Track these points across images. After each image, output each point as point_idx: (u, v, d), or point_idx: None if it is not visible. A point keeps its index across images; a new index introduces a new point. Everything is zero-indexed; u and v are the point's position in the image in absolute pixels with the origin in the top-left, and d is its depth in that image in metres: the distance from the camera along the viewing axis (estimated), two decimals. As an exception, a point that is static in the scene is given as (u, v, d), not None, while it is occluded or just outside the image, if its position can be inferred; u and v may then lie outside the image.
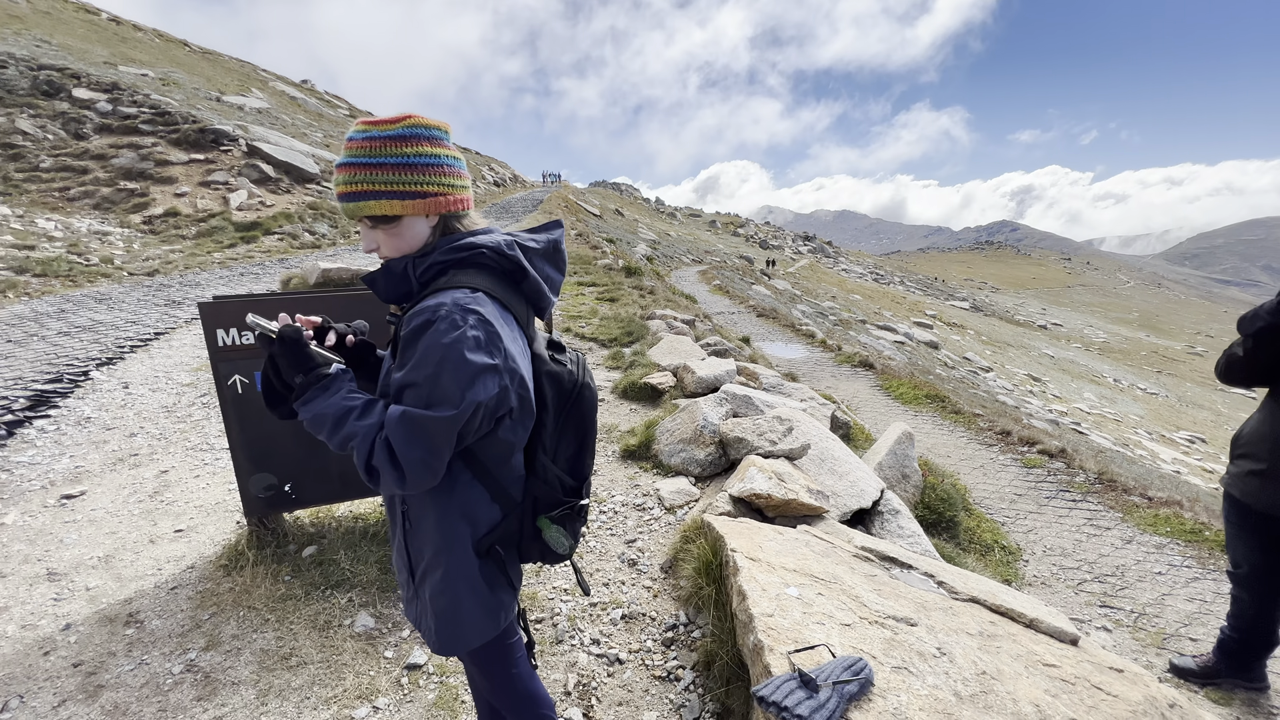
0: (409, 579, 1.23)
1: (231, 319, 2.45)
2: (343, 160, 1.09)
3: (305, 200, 16.20)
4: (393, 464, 1.02)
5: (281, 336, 1.09)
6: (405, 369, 1.05)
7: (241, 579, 2.45)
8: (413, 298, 1.15)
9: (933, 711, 1.48)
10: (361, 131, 1.09)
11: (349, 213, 1.11)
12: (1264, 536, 2.34)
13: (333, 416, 1.05)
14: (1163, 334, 55.28)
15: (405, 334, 1.05)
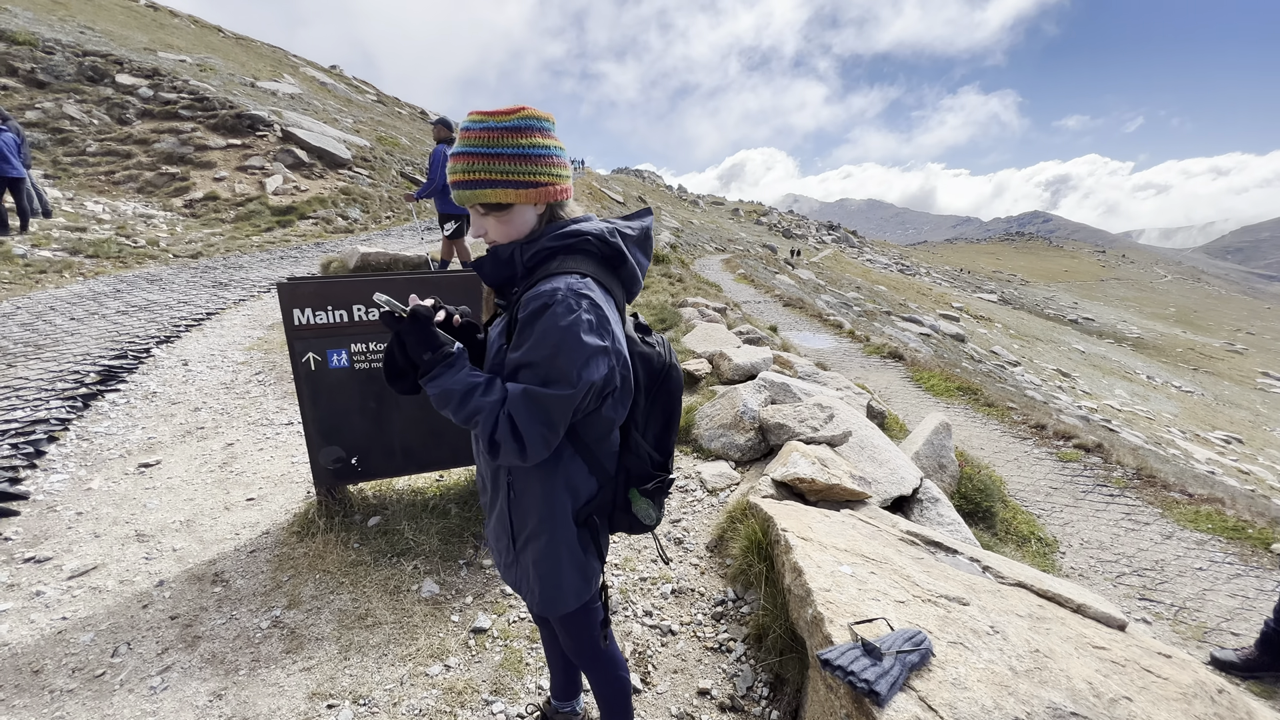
0: (509, 545, 1.33)
1: (307, 299, 2.58)
2: (460, 149, 1.14)
3: (338, 185, 16.48)
4: (515, 437, 1.10)
5: (415, 315, 1.14)
6: (523, 349, 1.12)
7: (314, 545, 2.61)
8: (516, 282, 1.23)
9: (990, 683, 1.55)
10: (478, 122, 1.13)
11: (463, 200, 1.16)
12: None
13: (459, 392, 1.12)
14: (1200, 330, 53.57)
15: (523, 316, 1.12)
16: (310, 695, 1.92)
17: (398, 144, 23.01)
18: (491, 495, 1.36)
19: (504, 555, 1.37)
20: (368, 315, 2.68)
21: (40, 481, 3.09)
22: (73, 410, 3.87)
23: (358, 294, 2.65)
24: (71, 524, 2.77)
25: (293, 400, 4.27)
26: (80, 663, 2.00)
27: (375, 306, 1.13)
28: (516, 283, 1.23)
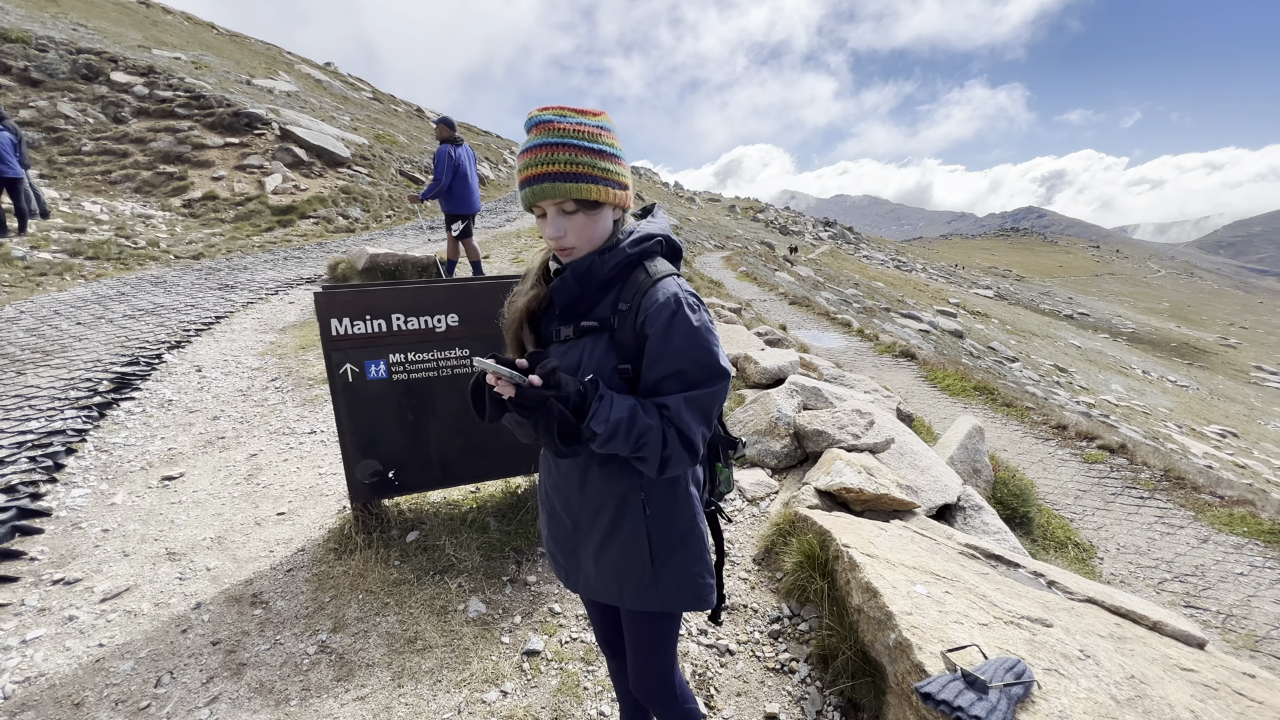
0: (646, 567, 1.22)
1: (345, 309, 2.49)
2: (561, 140, 1.06)
3: (338, 184, 16.30)
4: (686, 448, 1.09)
5: (550, 380, 1.02)
6: (664, 359, 1.10)
7: (354, 563, 2.52)
8: (586, 299, 1.16)
9: (1096, 715, 1.48)
10: (575, 118, 1.08)
11: (556, 193, 1.07)
12: None
13: (626, 420, 1.05)
14: (1194, 325, 53.91)
15: (640, 329, 1.10)
16: (367, 727, 1.84)
17: (396, 142, 22.80)
18: (611, 523, 1.22)
19: (635, 581, 1.24)
20: (406, 325, 2.59)
21: (62, 496, 2.99)
22: (89, 420, 3.75)
23: (397, 303, 2.56)
24: (98, 542, 2.67)
25: (313, 408, 4.17)
26: (123, 694, 1.91)
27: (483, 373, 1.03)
28: (587, 298, 1.16)
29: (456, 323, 2.65)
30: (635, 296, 1.13)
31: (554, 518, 1.33)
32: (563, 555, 1.34)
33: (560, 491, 1.29)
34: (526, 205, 1.10)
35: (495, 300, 2.67)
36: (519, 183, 1.10)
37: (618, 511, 1.22)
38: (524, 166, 1.08)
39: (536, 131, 1.08)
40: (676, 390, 1.10)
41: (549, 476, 1.33)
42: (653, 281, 1.13)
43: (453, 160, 6.74)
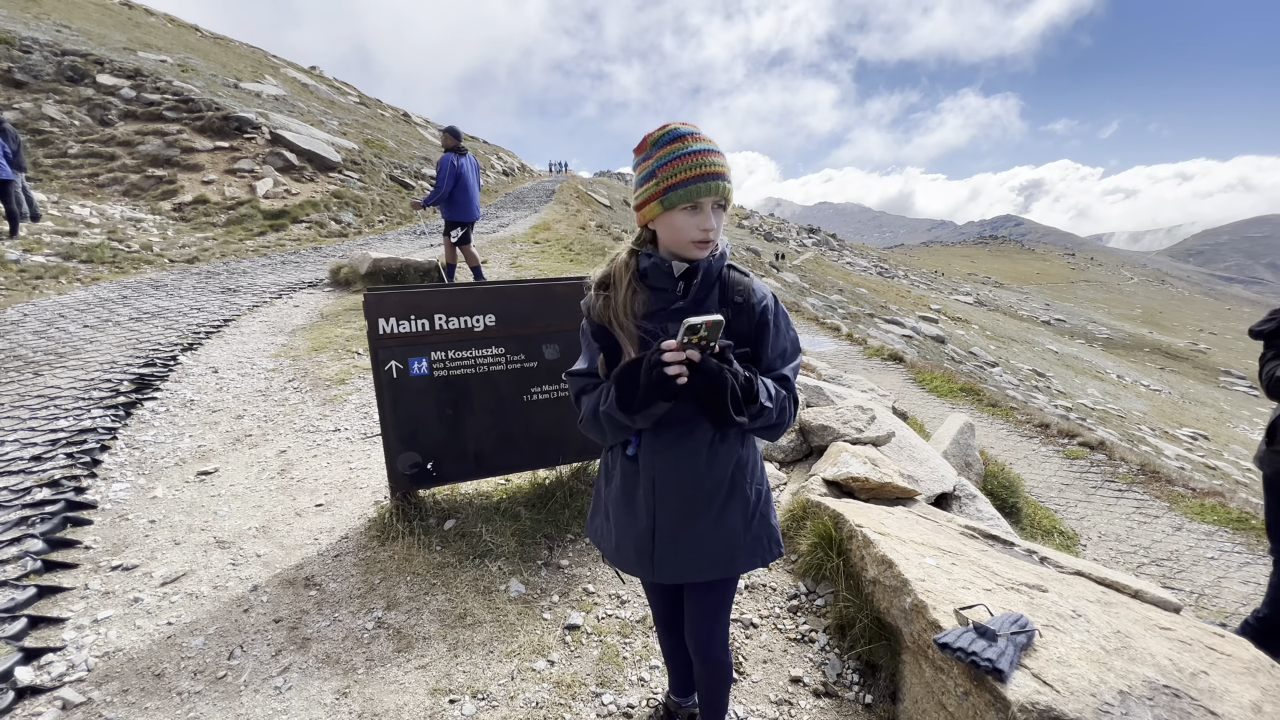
0: (744, 530, 1.42)
1: (392, 309, 2.66)
2: (720, 150, 1.26)
3: (329, 189, 16.31)
4: (795, 408, 1.34)
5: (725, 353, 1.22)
6: (772, 342, 1.36)
7: (398, 548, 2.67)
8: (695, 290, 1.33)
9: (1089, 660, 1.70)
10: (701, 133, 1.27)
11: (726, 192, 1.25)
12: None
13: (775, 395, 1.29)
14: (1166, 331, 55.51)
15: (759, 318, 1.35)
16: (431, 691, 2.00)
17: (385, 147, 22.81)
18: (728, 491, 1.38)
19: (741, 542, 1.42)
20: (447, 324, 2.76)
21: (104, 490, 3.09)
22: (116, 419, 3.85)
23: (440, 303, 2.73)
24: (148, 532, 2.79)
25: (334, 408, 4.30)
26: (199, 665, 2.05)
27: (685, 335, 1.11)
28: (687, 295, 1.33)
29: (494, 322, 2.82)
30: (745, 293, 1.35)
31: (663, 504, 1.37)
32: (665, 543, 1.39)
33: (679, 476, 1.36)
34: (689, 199, 1.21)
35: (529, 302, 2.86)
36: (690, 177, 1.21)
37: (733, 479, 1.40)
38: (699, 165, 1.21)
39: (694, 139, 1.24)
40: (785, 365, 1.35)
41: (660, 469, 1.36)
42: (751, 281, 1.39)
43: (454, 168, 6.90)
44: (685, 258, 1.31)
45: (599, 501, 1.57)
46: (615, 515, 1.47)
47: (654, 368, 1.17)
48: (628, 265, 1.35)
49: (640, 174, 1.30)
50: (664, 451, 1.36)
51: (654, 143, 1.27)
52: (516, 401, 2.94)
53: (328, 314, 6.65)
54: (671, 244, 1.31)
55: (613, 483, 1.47)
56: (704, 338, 1.12)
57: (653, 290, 1.34)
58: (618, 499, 1.45)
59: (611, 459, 1.47)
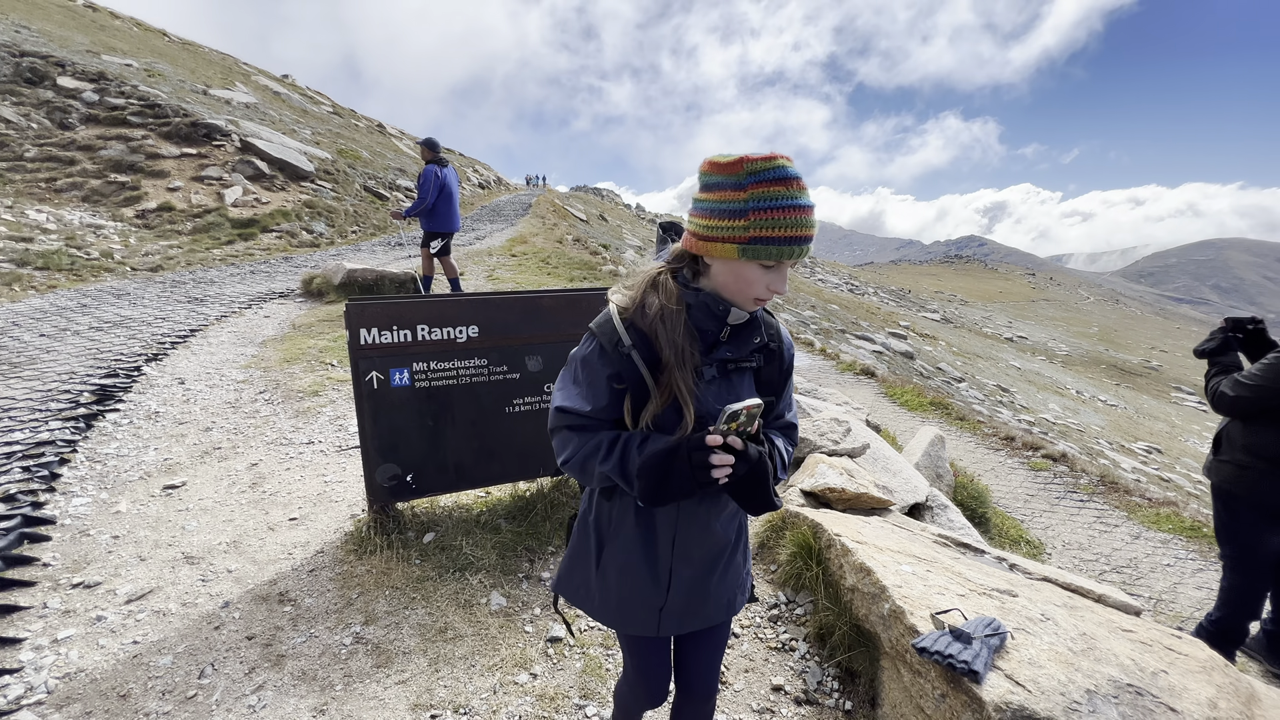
0: (745, 573, 1.41)
1: (374, 319, 2.64)
2: (813, 204, 1.08)
3: (301, 198, 16.05)
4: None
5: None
6: (789, 382, 1.35)
7: (376, 562, 2.63)
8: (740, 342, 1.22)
9: (1058, 661, 1.77)
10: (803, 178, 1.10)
11: (807, 253, 1.09)
12: (1252, 521, 2.71)
13: (787, 454, 1.28)
14: (1120, 348, 57.82)
15: (786, 365, 1.31)
16: (412, 707, 1.96)
17: (359, 157, 22.58)
18: (735, 539, 1.34)
19: (741, 585, 1.39)
20: (430, 335, 2.75)
21: (63, 505, 2.97)
22: (76, 431, 3.70)
23: (423, 314, 2.72)
24: (110, 548, 2.69)
25: (307, 420, 4.21)
26: (168, 685, 1.98)
27: (726, 422, 1.05)
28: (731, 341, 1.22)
29: (477, 334, 2.83)
30: (777, 337, 1.28)
31: (683, 561, 1.27)
32: (678, 598, 1.29)
33: (705, 532, 1.27)
34: (777, 258, 1.05)
35: (513, 314, 2.87)
36: (790, 236, 1.03)
37: (738, 526, 1.36)
38: (802, 224, 1.04)
39: (801, 188, 1.05)
40: (791, 410, 1.35)
41: (685, 525, 1.25)
42: (779, 324, 1.31)
43: (438, 180, 6.89)
44: (739, 306, 1.15)
45: (583, 557, 1.34)
46: (622, 576, 1.28)
47: (697, 466, 1.05)
48: (681, 299, 1.15)
49: (719, 202, 1.07)
50: (691, 506, 1.24)
51: (754, 174, 1.03)
52: (498, 413, 2.94)
53: (300, 325, 6.52)
54: (729, 290, 1.13)
55: (618, 539, 1.27)
56: (743, 424, 1.05)
57: (693, 330, 1.17)
58: (626, 559, 1.27)
59: (614, 512, 1.27)
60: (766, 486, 1.10)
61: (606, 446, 1.15)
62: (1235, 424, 2.77)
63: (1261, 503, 2.66)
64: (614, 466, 1.13)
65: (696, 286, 1.16)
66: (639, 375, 1.15)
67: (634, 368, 1.15)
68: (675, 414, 1.15)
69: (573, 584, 1.38)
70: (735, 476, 1.07)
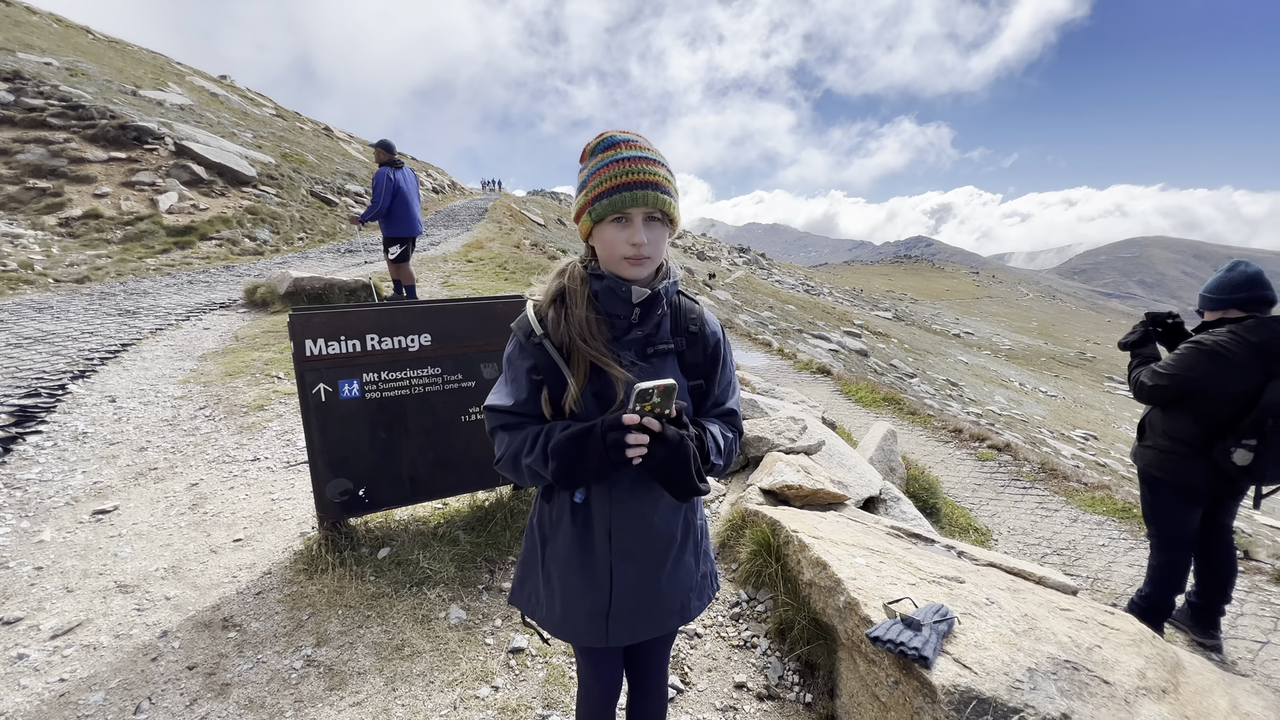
0: (694, 569, 1.36)
1: (320, 330, 2.55)
2: (657, 159, 1.14)
3: (243, 204, 15.39)
4: (739, 442, 1.32)
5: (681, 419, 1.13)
6: (723, 372, 1.32)
7: (328, 581, 2.53)
8: (650, 319, 1.22)
9: (1002, 642, 1.85)
10: (653, 147, 1.16)
11: (659, 203, 1.11)
12: (1173, 502, 2.91)
13: (724, 440, 1.26)
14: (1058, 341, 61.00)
15: (712, 350, 1.30)
16: (368, 729, 1.90)
17: (304, 161, 21.80)
18: (681, 535, 1.31)
19: (693, 585, 1.35)
20: (380, 345, 2.67)
21: (-23, 537, 2.76)
22: (-8, 456, 3.44)
23: (372, 323, 2.65)
24: (33, 580, 2.50)
25: (252, 435, 4.03)
26: (99, 724, 1.86)
27: (638, 402, 1.03)
28: (642, 324, 1.22)
29: (429, 342, 2.77)
30: (698, 321, 1.29)
31: (623, 558, 1.24)
32: (623, 602, 1.25)
33: (641, 524, 1.24)
34: (614, 209, 1.10)
35: (467, 321, 2.83)
36: (616, 185, 1.10)
37: (686, 519, 1.32)
38: (625, 172, 1.10)
39: (629, 146, 1.13)
40: (731, 396, 1.33)
41: (619, 517, 1.23)
42: (702, 309, 1.32)
43: (391, 182, 6.72)
44: (622, 277, 1.17)
45: (531, 563, 1.33)
46: (563, 577, 1.26)
47: (611, 445, 1.04)
48: (584, 280, 1.20)
49: (577, 185, 1.19)
50: (624, 497, 1.22)
51: (590, 151, 1.17)
52: (454, 422, 2.88)
53: (243, 337, 6.24)
54: (606, 261, 1.18)
55: (558, 538, 1.26)
56: (657, 404, 1.03)
57: (603, 315, 1.19)
58: (566, 557, 1.25)
59: (554, 511, 1.26)
60: (688, 470, 1.09)
61: (532, 439, 1.16)
62: (1156, 411, 2.97)
63: (1181, 484, 2.85)
64: (537, 457, 1.14)
65: (602, 273, 1.19)
66: (552, 362, 1.17)
67: (547, 355, 1.17)
68: (598, 402, 1.17)
69: (524, 593, 1.36)
70: (655, 459, 1.07)
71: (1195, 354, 2.70)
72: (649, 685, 1.52)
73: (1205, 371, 2.68)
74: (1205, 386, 2.70)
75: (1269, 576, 3.81)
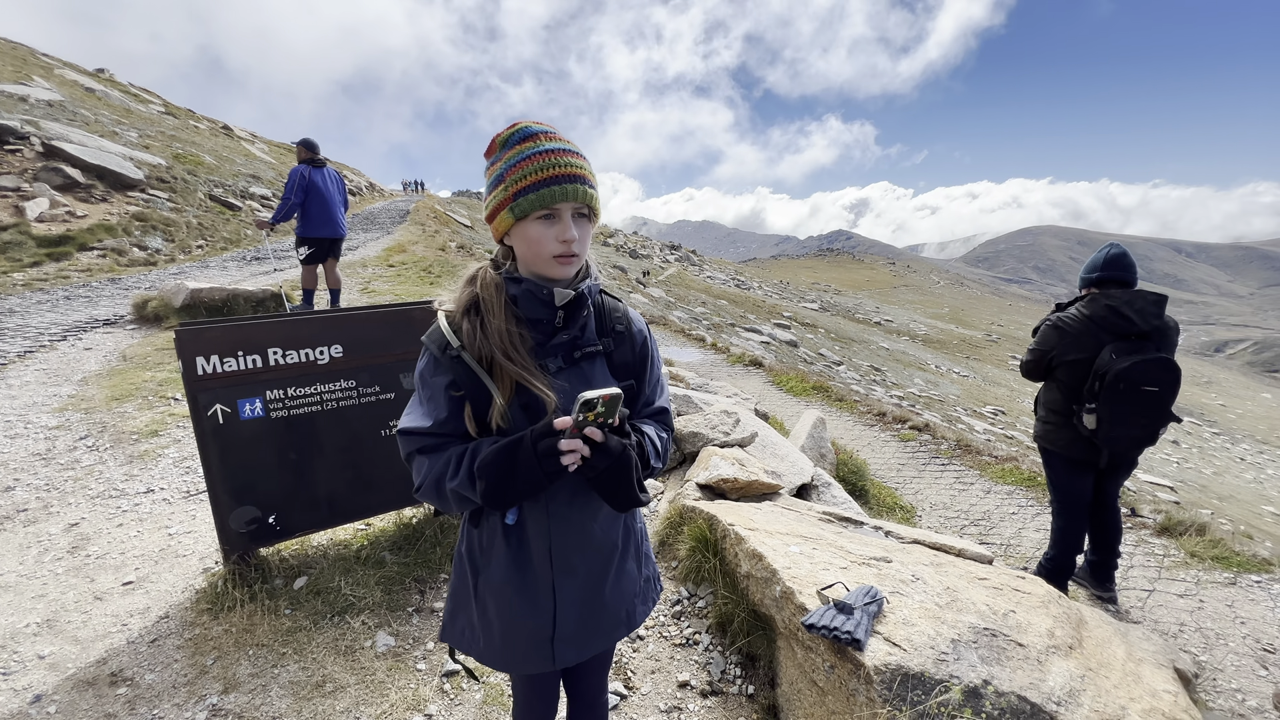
0: (637, 575, 1.32)
1: (213, 345, 2.32)
2: (580, 152, 1.10)
3: (129, 210, 14.02)
4: (671, 440, 1.29)
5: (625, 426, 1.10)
6: (652, 371, 1.28)
7: (236, 619, 2.32)
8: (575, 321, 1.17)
9: (928, 617, 1.93)
10: (559, 133, 1.11)
11: (587, 197, 1.08)
12: (1063, 471, 3.20)
13: (660, 441, 1.22)
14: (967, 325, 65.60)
15: (640, 349, 1.26)
16: (285, 778, 1.74)
17: (201, 162, 20.14)
18: (622, 542, 1.26)
19: (638, 592, 1.31)
20: (285, 359, 2.47)
21: None
22: None
23: (274, 336, 2.44)
24: None
25: (144, 465, 3.65)
26: (-47, 814, 1.60)
27: (582, 411, 0.97)
28: (567, 327, 1.16)
29: (341, 354, 2.58)
30: (624, 320, 1.26)
31: (565, 575, 1.18)
32: (568, 622, 1.19)
33: (583, 538, 1.19)
34: (543, 204, 1.04)
35: (382, 329, 2.66)
36: (543, 178, 1.04)
37: (624, 527, 1.27)
38: (553, 165, 1.04)
39: (548, 138, 1.07)
40: (662, 395, 1.30)
41: (559, 533, 1.16)
42: (626, 307, 1.29)
43: (304, 180, 6.31)
44: (548, 277, 1.11)
45: (463, 595, 1.23)
46: (501, 606, 1.17)
47: (543, 454, 0.99)
48: (499, 287, 1.12)
49: (489, 180, 1.11)
50: (562, 510, 1.16)
51: (503, 143, 1.09)
52: (373, 438, 2.71)
53: (132, 356, 5.67)
54: (530, 261, 1.11)
55: (491, 565, 1.17)
56: (601, 413, 0.99)
57: (524, 321, 1.13)
58: (502, 584, 1.17)
59: (484, 537, 1.18)
60: (630, 480, 1.06)
61: (455, 460, 1.07)
62: (1042, 388, 3.22)
63: (1064, 454, 3.13)
64: (463, 479, 1.05)
65: (519, 276, 1.13)
66: (473, 375, 1.09)
67: (466, 369, 1.09)
68: (527, 415, 1.10)
69: (457, 628, 1.26)
70: (596, 470, 1.03)
71: (1048, 329, 3.02)
72: (589, 696, 1.48)
73: (1053, 344, 3.02)
74: (1056, 358, 3.01)
75: (1152, 530, 4.21)
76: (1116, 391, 2.77)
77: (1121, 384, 2.75)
